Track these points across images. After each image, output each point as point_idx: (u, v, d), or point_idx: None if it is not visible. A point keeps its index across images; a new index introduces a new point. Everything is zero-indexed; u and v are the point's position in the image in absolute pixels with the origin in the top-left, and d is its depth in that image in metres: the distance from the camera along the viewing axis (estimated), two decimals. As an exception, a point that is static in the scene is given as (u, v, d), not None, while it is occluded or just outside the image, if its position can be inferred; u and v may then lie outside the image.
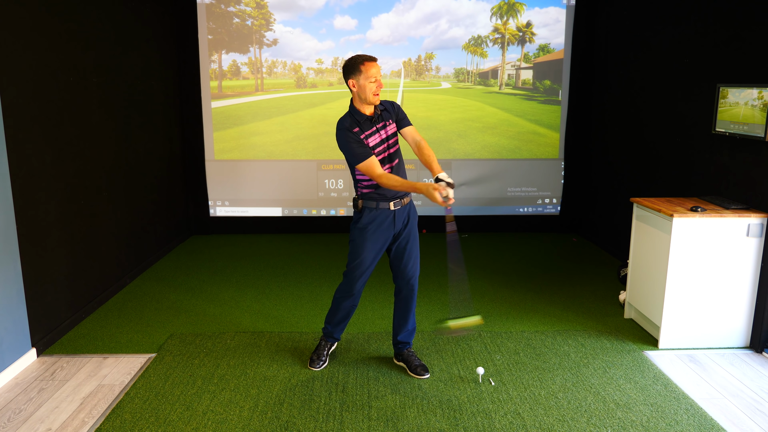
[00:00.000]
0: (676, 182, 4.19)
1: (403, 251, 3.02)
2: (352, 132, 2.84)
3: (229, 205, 5.99)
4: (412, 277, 3.05)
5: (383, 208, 2.92)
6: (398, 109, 3.01)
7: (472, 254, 5.40)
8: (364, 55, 2.83)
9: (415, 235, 3.05)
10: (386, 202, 2.92)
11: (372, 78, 2.79)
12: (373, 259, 2.98)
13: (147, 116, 4.96)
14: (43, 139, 3.42)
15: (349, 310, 3.14)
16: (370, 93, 2.81)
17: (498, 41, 5.85)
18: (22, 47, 3.23)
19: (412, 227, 3.04)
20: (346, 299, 3.09)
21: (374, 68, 2.79)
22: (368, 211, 2.92)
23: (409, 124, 3.01)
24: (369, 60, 2.81)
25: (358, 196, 2.96)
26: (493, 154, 5.98)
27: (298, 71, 5.87)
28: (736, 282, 3.35)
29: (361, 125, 2.87)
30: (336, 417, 2.72)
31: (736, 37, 3.59)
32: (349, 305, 3.11)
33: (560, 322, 3.81)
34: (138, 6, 4.76)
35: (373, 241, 2.93)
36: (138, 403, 2.81)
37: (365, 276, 3.01)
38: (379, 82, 2.81)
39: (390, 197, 2.93)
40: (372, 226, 2.92)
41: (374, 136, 2.89)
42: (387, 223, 2.95)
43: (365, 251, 2.94)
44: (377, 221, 2.93)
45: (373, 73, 2.78)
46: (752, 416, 2.76)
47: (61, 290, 3.59)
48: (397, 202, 2.94)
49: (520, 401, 2.85)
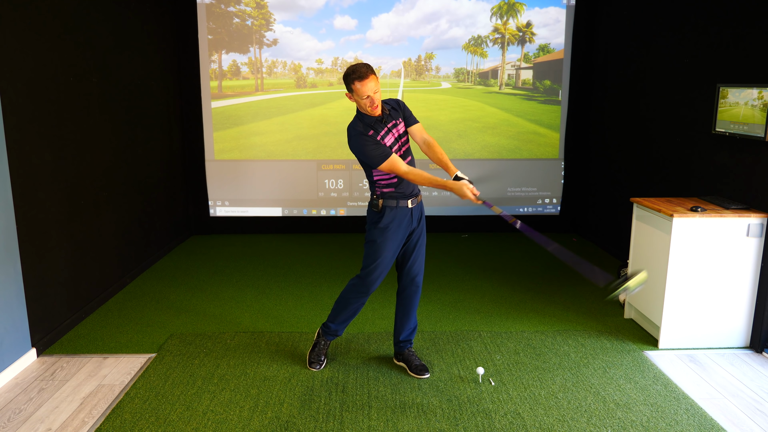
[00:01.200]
0: (676, 182, 4.19)
1: (413, 249, 3.03)
2: (368, 135, 2.81)
3: (229, 205, 6.00)
4: (418, 274, 3.07)
5: (403, 206, 2.93)
6: (404, 106, 3.00)
7: (472, 254, 5.40)
8: (358, 70, 2.72)
9: (425, 235, 3.09)
10: (405, 200, 2.94)
11: (364, 96, 2.74)
12: (392, 258, 2.99)
13: (147, 116, 4.96)
14: (43, 139, 3.42)
15: (357, 309, 3.14)
16: (365, 108, 2.80)
17: (498, 41, 5.85)
18: (22, 47, 3.23)
19: (423, 225, 3.08)
20: (359, 300, 3.08)
21: (365, 87, 2.71)
22: (389, 210, 2.92)
23: (416, 122, 3.01)
24: (360, 79, 2.70)
25: (378, 195, 2.95)
26: (493, 154, 5.98)
27: (298, 71, 5.87)
28: (736, 282, 3.34)
29: (374, 127, 2.85)
30: (336, 417, 2.72)
31: (736, 37, 3.59)
32: (359, 304, 3.12)
33: (560, 322, 3.81)
34: (138, 6, 4.76)
35: (393, 240, 2.95)
36: (138, 403, 2.81)
37: (383, 276, 3.02)
38: (372, 98, 2.74)
39: (408, 195, 2.94)
40: (393, 225, 2.93)
41: (388, 136, 2.88)
42: (406, 221, 2.97)
43: (386, 251, 2.94)
44: (398, 220, 2.94)
45: (365, 91, 2.72)
46: (752, 416, 2.76)
47: (61, 290, 3.59)
48: (413, 200, 2.97)
49: (520, 401, 2.85)
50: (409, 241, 3.02)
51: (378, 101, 2.79)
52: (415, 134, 3.00)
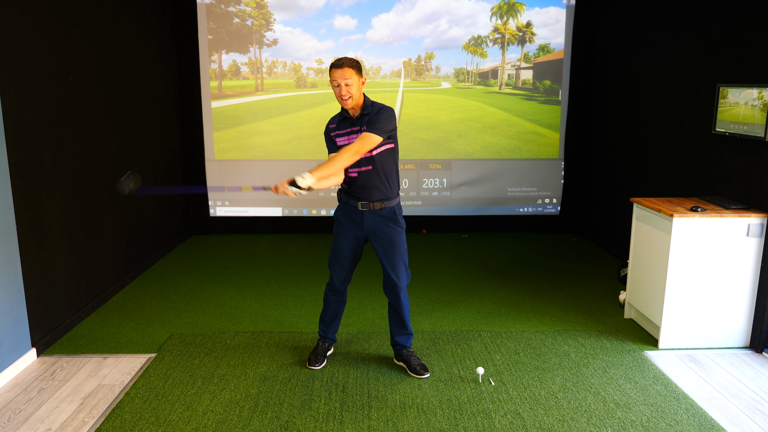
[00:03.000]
0: (676, 182, 4.19)
1: (382, 258, 3.01)
2: (328, 127, 3.01)
3: (229, 205, 6.00)
4: (396, 285, 3.02)
5: (353, 205, 2.99)
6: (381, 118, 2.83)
7: (472, 254, 5.40)
8: (339, 60, 2.82)
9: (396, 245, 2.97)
10: (355, 201, 2.98)
11: (335, 83, 2.81)
12: (347, 253, 3.04)
13: (147, 116, 4.96)
14: (43, 139, 3.42)
15: (338, 308, 3.20)
16: (337, 97, 2.87)
17: (498, 41, 5.85)
18: (22, 47, 3.23)
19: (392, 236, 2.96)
20: (331, 295, 3.16)
21: (335, 73, 2.79)
22: (342, 204, 3.07)
23: (367, 131, 2.80)
24: (334, 67, 2.81)
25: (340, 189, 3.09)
26: (493, 154, 5.98)
27: (298, 71, 5.87)
28: (736, 282, 3.34)
29: (339, 123, 2.96)
30: (336, 417, 2.72)
31: (736, 37, 3.59)
32: (336, 302, 3.18)
33: (560, 322, 3.81)
34: (138, 6, 4.76)
35: (345, 235, 3.03)
36: (138, 403, 2.81)
37: (343, 271, 3.07)
38: (341, 86, 2.79)
39: (356, 197, 2.97)
40: (344, 220, 3.04)
41: (344, 138, 2.94)
42: (357, 221, 2.99)
43: (339, 244, 3.06)
44: (347, 216, 3.02)
45: (335, 77, 2.80)
46: (752, 416, 2.76)
47: (61, 290, 3.59)
48: (364, 204, 2.95)
49: (520, 401, 2.85)
50: (375, 248, 3.02)
51: (349, 94, 2.80)
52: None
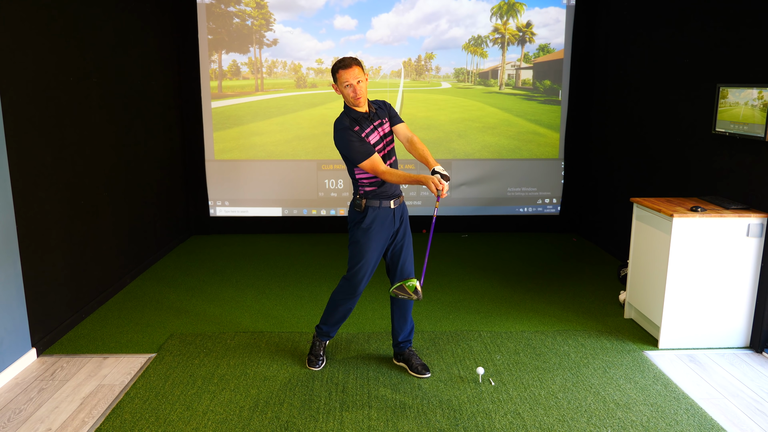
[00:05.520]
0: (676, 182, 4.19)
1: (400, 251, 3.03)
2: (353, 131, 2.84)
3: (229, 205, 6.00)
4: (409, 276, 3.05)
5: (386, 206, 2.94)
6: (389, 107, 3.03)
7: (472, 254, 5.40)
8: (343, 60, 2.80)
9: (410, 235, 3.09)
10: (388, 200, 2.94)
11: (345, 83, 2.80)
12: (377, 258, 2.99)
13: (147, 116, 4.96)
14: (43, 139, 3.42)
15: (348, 311, 3.14)
16: (348, 98, 2.84)
17: (498, 41, 5.85)
18: (22, 47, 3.23)
19: (407, 226, 3.08)
20: (348, 301, 3.08)
21: (346, 74, 2.78)
22: (372, 210, 2.93)
23: (401, 122, 3.02)
24: (342, 68, 2.79)
25: (361, 195, 2.95)
26: (493, 154, 5.98)
27: (298, 71, 5.87)
28: (736, 282, 3.34)
29: (360, 123, 2.87)
30: (336, 417, 2.72)
31: (736, 37, 3.59)
32: (349, 307, 3.12)
33: (560, 322, 3.81)
34: (138, 6, 4.76)
35: (376, 240, 2.94)
36: (138, 403, 2.81)
37: (369, 277, 3.01)
38: (354, 86, 2.79)
39: (390, 195, 2.95)
40: (375, 225, 2.93)
41: (373, 134, 2.90)
42: (389, 222, 2.96)
43: (370, 251, 2.94)
44: (380, 220, 2.93)
45: (347, 78, 2.78)
46: (752, 416, 2.76)
47: (61, 290, 3.59)
48: (396, 201, 2.97)
49: (520, 401, 2.85)
50: (394, 242, 3.02)
51: (360, 92, 2.81)
52: (399, 133, 3.00)
